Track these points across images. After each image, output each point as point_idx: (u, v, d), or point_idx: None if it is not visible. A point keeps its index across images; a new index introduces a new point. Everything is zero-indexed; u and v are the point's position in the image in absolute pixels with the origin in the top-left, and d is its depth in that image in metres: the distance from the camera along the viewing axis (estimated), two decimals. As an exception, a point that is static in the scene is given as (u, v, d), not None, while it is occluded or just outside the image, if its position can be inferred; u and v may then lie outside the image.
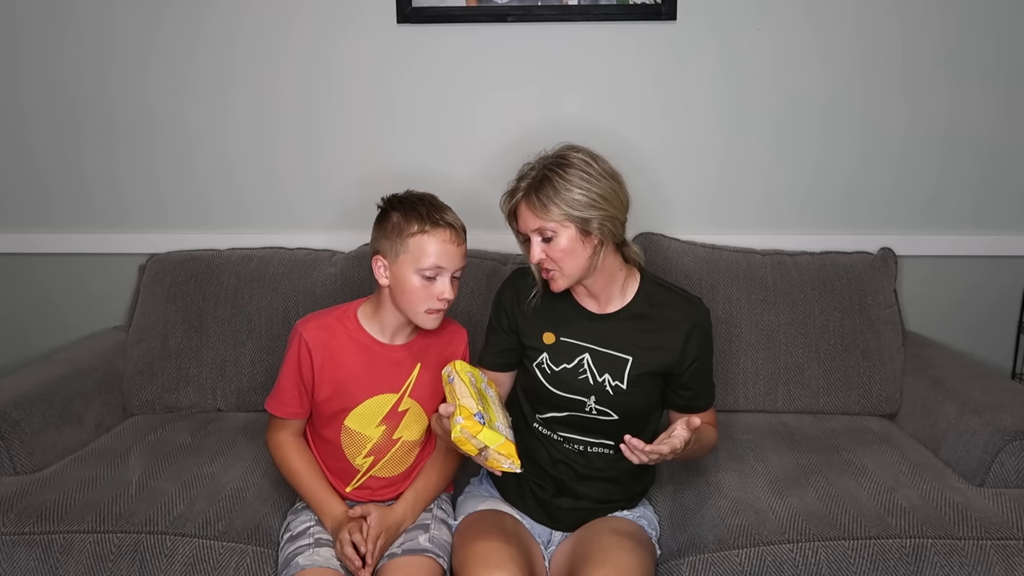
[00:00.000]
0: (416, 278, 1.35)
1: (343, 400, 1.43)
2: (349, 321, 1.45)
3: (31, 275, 2.12)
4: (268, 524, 1.45)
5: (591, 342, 1.42)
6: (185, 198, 2.07)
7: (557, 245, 1.33)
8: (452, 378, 1.32)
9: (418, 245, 1.34)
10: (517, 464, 1.25)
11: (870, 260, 1.92)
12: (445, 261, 1.35)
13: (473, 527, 1.40)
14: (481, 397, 1.29)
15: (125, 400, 1.88)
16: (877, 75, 1.95)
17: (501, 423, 1.29)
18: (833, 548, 1.34)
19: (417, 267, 1.34)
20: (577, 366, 1.42)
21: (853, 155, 2.00)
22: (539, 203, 1.32)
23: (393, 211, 1.38)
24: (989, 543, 1.34)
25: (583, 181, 1.32)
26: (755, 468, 1.59)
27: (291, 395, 1.44)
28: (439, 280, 1.36)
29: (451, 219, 1.37)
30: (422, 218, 1.35)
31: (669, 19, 1.92)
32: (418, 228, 1.34)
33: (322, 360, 1.41)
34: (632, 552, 1.31)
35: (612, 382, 1.40)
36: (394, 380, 1.44)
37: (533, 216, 1.33)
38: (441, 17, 1.94)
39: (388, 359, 1.44)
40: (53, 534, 1.38)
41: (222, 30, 1.97)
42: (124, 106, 2.02)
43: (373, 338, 1.44)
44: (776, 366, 1.83)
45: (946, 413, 1.67)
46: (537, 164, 1.37)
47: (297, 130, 2.02)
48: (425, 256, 1.34)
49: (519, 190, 1.36)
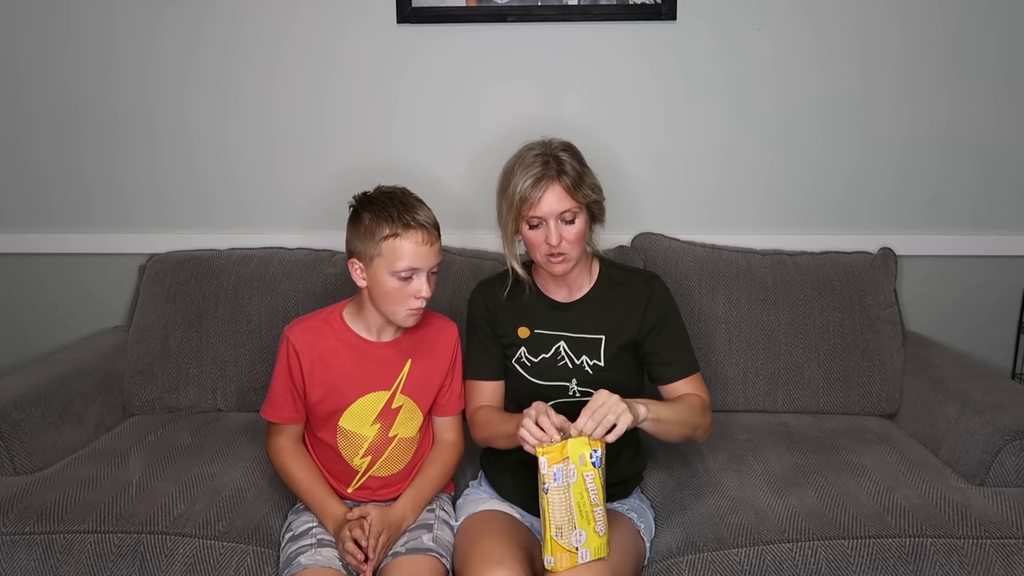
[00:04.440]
0: (392, 280, 1.35)
1: (335, 401, 1.43)
2: (335, 322, 1.46)
3: (31, 275, 2.12)
4: (269, 524, 1.45)
5: (564, 329, 1.47)
6: (185, 198, 2.07)
7: (575, 227, 1.39)
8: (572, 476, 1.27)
9: (391, 248, 1.34)
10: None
11: (870, 260, 1.91)
12: (419, 262, 1.35)
13: (474, 527, 1.40)
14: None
15: (125, 400, 1.88)
16: (877, 75, 1.95)
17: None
18: (833, 547, 1.34)
19: (392, 270, 1.34)
20: (555, 354, 1.47)
21: (853, 155, 2.00)
22: (572, 185, 1.37)
23: (364, 212, 1.37)
24: (989, 542, 1.34)
25: (589, 168, 1.42)
26: (755, 468, 1.59)
27: (284, 400, 1.45)
28: (415, 280, 1.36)
29: (423, 218, 1.36)
30: (393, 220, 1.34)
31: (669, 19, 1.92)
32: (390, 231, 1.33)
33: (311, 362, 1.42)
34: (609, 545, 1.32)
35: (590, 362, 1.45)
36: (385, 377, 1.44)
37: (567, 197, 1.37)
38: (441, 17, 1.94)
39: (377, 357, 1.44)
40: (53, 534, 1.38)
41: (223, 30, 1.97)
42: (124, 106, 2.01)
43: (360, 337, 1.45)
44: (776, 366, 1.83)
45: (946, 413, 1.67)
46: (546, 151, 1.40)
47: (297, 130, 2.02)
48: (399, 259, 1.34)
49: (547, 174, 1.36)
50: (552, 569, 1.26)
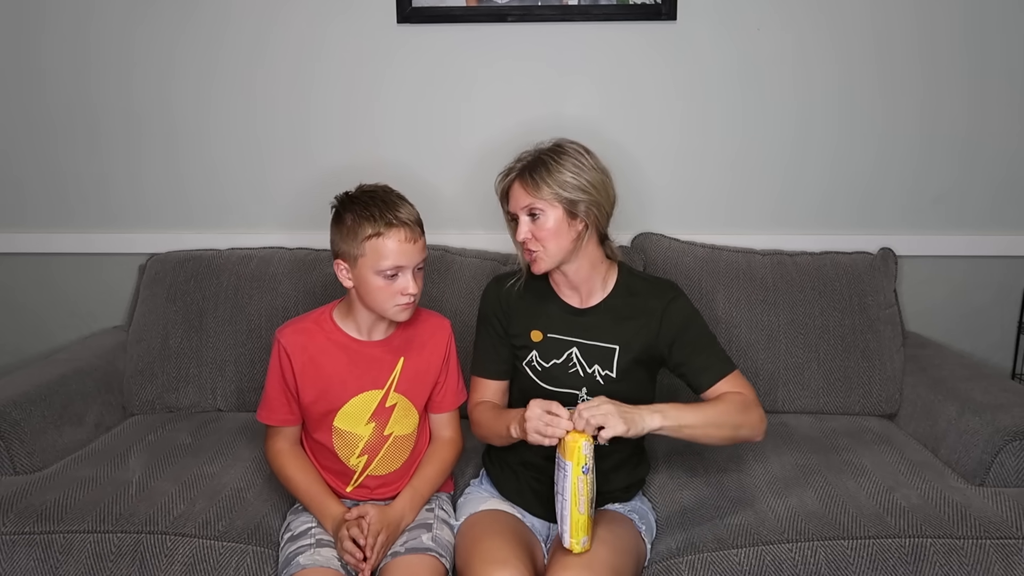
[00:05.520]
0: (378, 279, 1.35)
1: (329, 401, 1.43)
2: (326, 323, 1.45)
3: (30, 275, 2.11)
4: (268, 524, 1.45)
5: (577, 335, 1.45)
6: (185, 198, 2.06)
7: (544, 224, 1.38)
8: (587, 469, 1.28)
9: (374, 248, 1.33)
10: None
11: (870, 260, 1.91)
12: (403, 260, 1.34)
13: (476, 527, 1.40)
14: None
15: (125, 400, 1.88)
16: (878, 75, 1.95)
17: None
18: (832, 548, 1.34)
19: (376, 269, 1.34)
20: (566, 360, 1.45)
21: (855, 155, 1.99)
22: (531, 181, 1.38)
23: (346, 212, 1.37)
24: (988, 543, 1.34)
25: (575, 167, 1.39)
26: (754, 468, 1.59)
27: (279, 402, 1.45)
28: (401, 277, 1.36)
29: (405, 216, 1.35)
30: (375, 220, 1.33)
31: (669, 19, 1.92)
32: (372, 231, 1.33)
33: (302, 364, 1.42)
34: (609, 545, 1.32)
35: (602, 372, 1.44)
36: (377, 376, 1.44)
37: (524, 194, 1.39)
38: (441, 17, 1.93)
39: (368, 356, 1.44)
40: (53, 534, 1.38)
41: (222, 27, 1.96)
42: (123, 104, 2.01)
43: (351, 336, 1.45)
44: (776, 366, 1.83)
45: (946, 413, 1.66)
46: (533, 151, 1.44)
47: (298, 130, 2.02)
48: (383, 258, 1.34)
49: (513, 170, 1.42)
50: (584, 550, 1.28)
